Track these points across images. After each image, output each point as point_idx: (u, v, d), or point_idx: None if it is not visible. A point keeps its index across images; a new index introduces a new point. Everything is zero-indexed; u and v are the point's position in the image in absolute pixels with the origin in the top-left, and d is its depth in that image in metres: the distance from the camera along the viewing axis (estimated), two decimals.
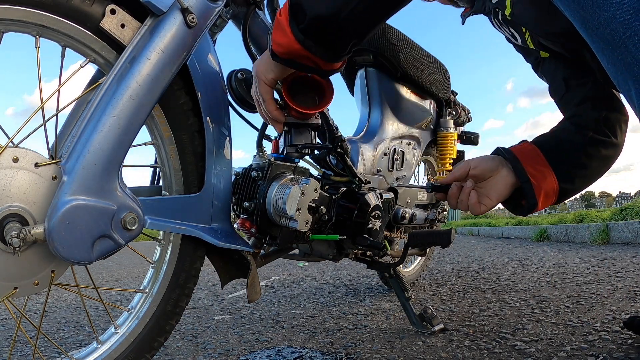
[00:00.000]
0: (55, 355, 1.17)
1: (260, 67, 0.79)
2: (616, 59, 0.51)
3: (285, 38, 0.70)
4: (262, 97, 0.82)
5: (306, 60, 0.72)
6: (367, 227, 1.08)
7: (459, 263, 3.00)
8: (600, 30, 0.51)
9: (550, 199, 0.86)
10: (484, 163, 0.85)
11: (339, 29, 0.68)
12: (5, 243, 0.57)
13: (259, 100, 0.84)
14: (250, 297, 0.86)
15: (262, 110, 0.86)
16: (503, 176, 0.84)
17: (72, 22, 0.64)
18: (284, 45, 0.71)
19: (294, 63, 0.74)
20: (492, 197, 0.84)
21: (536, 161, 0.84)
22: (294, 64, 0.74)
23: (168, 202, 0.76)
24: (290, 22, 0.69)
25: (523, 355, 0.97)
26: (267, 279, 2.67)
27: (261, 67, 0.79)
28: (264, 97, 0.82)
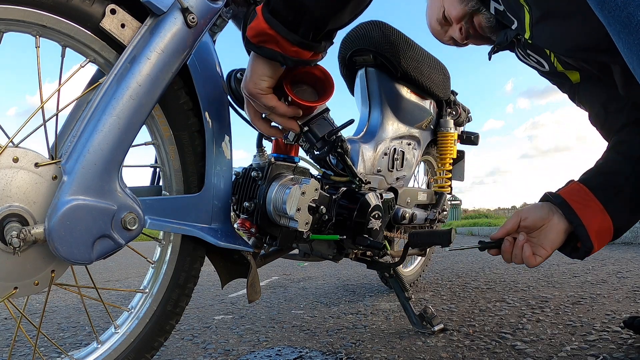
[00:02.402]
0: (55, 355, 1.17)
1: (250, 84, 0.77)
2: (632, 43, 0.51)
3: (257, 21, 0.71)
4: (270, 107, 0.79)
5: (275, 44, 0.72)
6: (367, 227, 1.08)
7: (459, 263, 3.00)
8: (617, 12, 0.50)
9: (606, 238, 0.83)
10: (534, 213, 0.83)
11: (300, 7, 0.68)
12: (5, 243, 0.57)
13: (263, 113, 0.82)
14: (250, 297, 0.86)
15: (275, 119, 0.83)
16: (555, 224, 0.82)
17: (72, 22, 0.64)
18: (255, 27, 0.71)
19: (263, 49, 0.73)
20: (546, 247, 0.82)
21: (587, 202, 0.81)
22: (263, 50, 0.73)
23: (168, 202, 0.76)
24: (263, 7, 0.71)
25: (523, 355, 0.97)
26: (267, 279, 2.67)
27: (251, 83, 0.77)
28: (271, 104, 0.79)
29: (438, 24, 1.09)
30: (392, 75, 1.43)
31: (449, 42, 1.12)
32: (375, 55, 1.39)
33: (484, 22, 0.99)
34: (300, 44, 0.72)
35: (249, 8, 0.95)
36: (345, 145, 1.03)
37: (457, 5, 1.00)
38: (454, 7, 1.01)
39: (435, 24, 1.10)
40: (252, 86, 0.77)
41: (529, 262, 0.82)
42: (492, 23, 0.98)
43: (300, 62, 0.75)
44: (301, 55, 0.74)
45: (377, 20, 1.42)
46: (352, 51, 1.43)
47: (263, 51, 0.73)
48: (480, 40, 1.06)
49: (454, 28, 1.05)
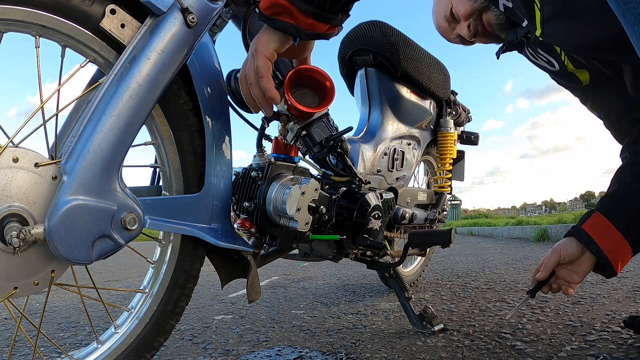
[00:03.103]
0: (55, 355, 1.17)
1: (261, 40, 0.74)
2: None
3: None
4: (260, 72, 0.74)
5: (288, 16, 0.70)
6: (367, 227, 1.08)
7: (459, 263, 3.00)
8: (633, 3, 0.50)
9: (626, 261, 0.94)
10: (571, 253, 0.94)
11: None
12: (5, 243, 0.57)
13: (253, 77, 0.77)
14: (250, 297, 0.86)
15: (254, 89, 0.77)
16: (587, 259, 0.93)
17: (72, 22, 0.64)
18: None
19: (277, 22, 0.71)
20: (580, 275, 0.94)
21: (609, 236, 0.91)
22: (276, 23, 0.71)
23: (168, 202, 0.76)
24: None
25: (523, 355, 0.97)
26: (267, 279, 2.67)
27: (261, 40, 0.74)
28: (262, 71, 0.74)
29: (445, 21, 1.07)
30: (392, 75, 1.43)
31: (456, 40, 1.10)
32: (375, 55, 1.39)
33: (493, 20, 0.97)
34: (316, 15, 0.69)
35: (249, 8, 0.95)
36: (345, 145, 1.03)
37: (466, 2, 0.98)
38: (462, 4, 0.99)
39: (443, 22, 1.08)
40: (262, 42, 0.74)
41: (566, 292, 0.97)
42: (501, 20, 0.96)
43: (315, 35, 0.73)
44: (316, 28, 0.71)
45: (377, 20, 1.42)
46: (352, 51, 1.43)
47: (276, 24, 0.70)
48: (489, 38, 1.05)
49: (461, 25, 1.04)
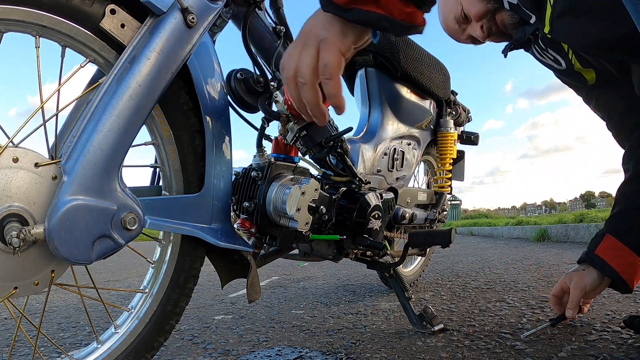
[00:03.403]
0: (55, 355, 1.17)
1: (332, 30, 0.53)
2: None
3: None
4: (329, 72, 0.54)
5: (374, 5, 0.51)
6: (367, 227, 1.08)
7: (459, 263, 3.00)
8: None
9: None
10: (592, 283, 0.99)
11: None
12: (5, 243, 0.57)
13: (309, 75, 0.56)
14: (250, 297, 0.86)
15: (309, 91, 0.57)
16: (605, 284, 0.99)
17: (72, 22, 0.64)
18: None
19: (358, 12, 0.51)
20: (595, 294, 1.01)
21: (623, 257, 0.95)
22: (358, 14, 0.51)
23: (168, 202, 0.76)
24: None
25: (523, 355, 0.97)
26: (267, 279, 2.67)
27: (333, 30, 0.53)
28: (333, 71, 0.54)
29: (455, 23, 1.04)
30: (392, 75, 1.43)
31: (467, 40, 1.08)
32: (375, 55, 1.39)
33: (507, 19, 0.95)
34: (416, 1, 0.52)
35: (249, 8, 0.95)
36: (345, 145, 1.03)
37: (477, 3, 0.96)
38: (474, 5, 0.96)
39: (452, 23, 1.05)
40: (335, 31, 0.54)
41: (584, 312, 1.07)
42: (515, 20, 0.95)
43: (413, 28, 0.55)
44: (415, 19, 0.54)
45: None
46: None
47: (356, 15, 0.51)
48: (502, 37, 1.03)
49: (473, 26, 1.00)
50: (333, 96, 0.58)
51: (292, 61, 0.59)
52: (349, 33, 0.55)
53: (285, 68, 0.61)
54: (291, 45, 0.61)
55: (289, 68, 0.60)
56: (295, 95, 0.61)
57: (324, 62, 0.55)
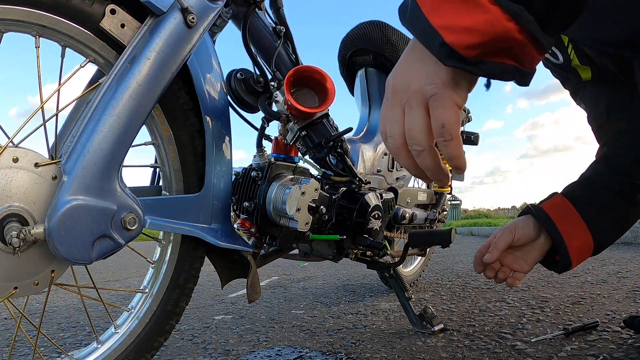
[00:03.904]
0: (55, 355, 1.17)
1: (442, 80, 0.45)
2: None
3: (479, 16, 0.41)
4: (450, 132, 0.45)
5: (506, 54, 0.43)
6: (367, 227, 1.08)
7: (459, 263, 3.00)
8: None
9: (586, 255, 0.84)
10: (526, 234, 0.82)
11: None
12: (5, 243, 0.57)
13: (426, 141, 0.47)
14: (250, 297, 0.86)
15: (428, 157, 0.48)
16: (541, 243, 0.82)
17: (72, 22, 0.64)
18: (480, 28, 0.41)
19: (490, 65, 0.43)
20: (529, 263, 0.83)
21: (569, 218, 0.81)
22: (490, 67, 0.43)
23: (168, 202, 0.76)
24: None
25: (523, 355, 0.97)
26: (267, 279, 2.67)
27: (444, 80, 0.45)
28: (453, 130, 0.45)
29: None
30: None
31: None
32: (375, 55, 1.39)
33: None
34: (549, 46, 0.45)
35: (249, 8, 0.95)
36: (345, 145, 1.03)
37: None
38: None
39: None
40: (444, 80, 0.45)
41: (511, 284, 0.84)
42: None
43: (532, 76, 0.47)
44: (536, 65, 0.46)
45: (377, 20, 1.42)
46: (352, 51, 1.43)
47: (487, 68, 0.43)
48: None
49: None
50: (455, 158, 0.47)
51: (396, 127, 0.49)
52: (462, 82, 0.46)
53: (390, 136, 0.50)
54: (385, 106, 0.51)
55: (395, 135, 0.49)
56: (410, 163, 0.51)
57: (441, 122, 0.45)
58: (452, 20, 0.41)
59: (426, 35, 0.43)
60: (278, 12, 1.02)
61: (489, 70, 0.44)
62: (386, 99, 0.50)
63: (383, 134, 0.52)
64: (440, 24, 0.42)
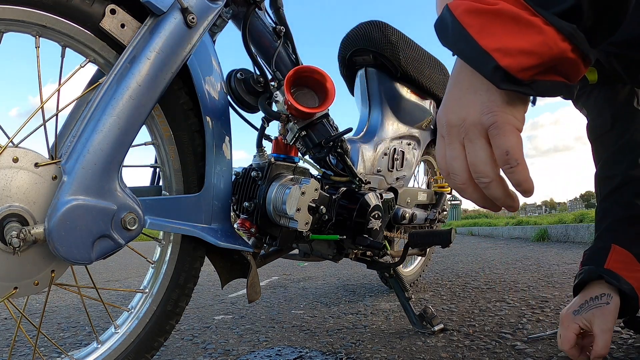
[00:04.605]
0: (55, 355, 1.17)
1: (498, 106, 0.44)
2: None
3: (534, 37, 0.40)
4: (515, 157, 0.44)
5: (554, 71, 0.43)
6: (367, 227, 1.08)
7: (459, 263, 3.00)
8: None
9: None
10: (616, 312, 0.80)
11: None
12: (5, 243, 0.57)
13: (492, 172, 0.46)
14: (250, 297, 0.86)
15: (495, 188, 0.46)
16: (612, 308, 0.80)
17: (72, 22, 0.64)
18: (535, 49, 0.40)
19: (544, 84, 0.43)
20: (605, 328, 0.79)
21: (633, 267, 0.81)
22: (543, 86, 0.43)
23: (168, 202, 0.76)
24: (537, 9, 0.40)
25: (523, 355, 0.97)
26: (267, 279, 2.67)
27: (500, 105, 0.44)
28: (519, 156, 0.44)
29: None
30: (392, 75, 1.43)
31: None
32: (375, 55, 1.39)
33: None
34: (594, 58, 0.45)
35: (249, 8, 0.95)
36: (345, 145, 1.03)
37: None
38: None
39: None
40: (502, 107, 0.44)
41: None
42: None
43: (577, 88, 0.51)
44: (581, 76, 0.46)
45: (377, 20, 1.42)
46: (352, 51, 1.43)
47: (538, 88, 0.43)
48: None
49: None
50: (524, 182, 0.46)
51: (458, 163, 0.48)
52: (516, 104, 0.45)
53: (454, 173, 0.48)
54: (441, 144, 0.49)
55: (460, 172, 0.48)
56: (479, 196, 0.49)
57: (505, 150, 0.44)
58: (505, 42, 0.40)
59: (477, 59, 0.42)
60: (278, 12, 1.02)
61: (542, 90, 0.43)
62: (441, 136, 0.49)
63: (444, 172, 0.50)
64: (493, 47, 0.41)
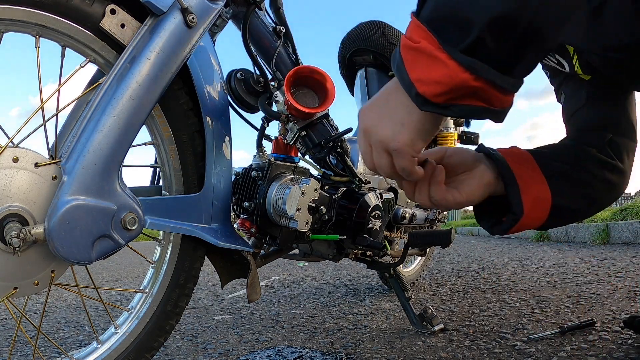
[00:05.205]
0: (55, 355, 1.17)
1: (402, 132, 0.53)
2: None
3: (441, 70, 0.48)
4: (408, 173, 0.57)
5: (473, 97, 0.50)
6: (367, 227, 1.08)
7: (459, 263, 3.00)
8: None
9: (540, 212, 0.71)
10: (463, 153, 0.70)
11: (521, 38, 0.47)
12: (5, 243, 0.57)
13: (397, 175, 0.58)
14: (250, 297, 0.86)
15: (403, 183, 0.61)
16: (480, 171, 0.68)
17: (72, 22, 0.64)
18: (442, 80, 0.48)
19: (459, 107, 0.50)
20: (461, 191, 0.66)
21: (526, 165, 0.71)
22: (459, 108, 0.50)
23: (168, 202, 0.76)
24: (443, 44, 0.48)
25: (523, 355, 0.97)
26: (267, 279, 2.67)
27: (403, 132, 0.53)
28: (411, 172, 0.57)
29: None
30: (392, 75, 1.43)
31: None
32: (375, 55, 1.39)
33: None
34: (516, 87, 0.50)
35: (249, 8, 0.95)
36: (345, 145, 1.03)
37: None
38: None
39: None
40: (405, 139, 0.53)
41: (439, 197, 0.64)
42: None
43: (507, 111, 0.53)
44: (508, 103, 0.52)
45: (377, 20, 1.42)
46: (352, 51, 1.43)
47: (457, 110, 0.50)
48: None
49: None
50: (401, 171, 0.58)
51: (367, 157, 0.60)
52: (423, 130, 0.54)
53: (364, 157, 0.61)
54: (359, 136, 0.59)
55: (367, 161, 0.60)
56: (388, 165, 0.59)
57: (401, 168, 0.56)
58: (422, 74, 0.49)
59: (406, 86, 0.51)
60: (278, 12, 1.02)
61: (458, 112, 0.50)
62: (359, 130, 0.58)
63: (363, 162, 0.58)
64: (415, 78, 0.50)
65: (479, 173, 0.68)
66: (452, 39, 0.48)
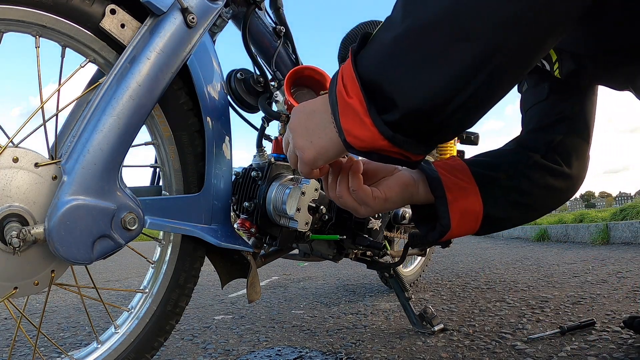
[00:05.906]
0: (55, 355, 1.17)
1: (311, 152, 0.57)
2: None
3: (366, 132, 0.51)
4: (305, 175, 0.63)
5: (392, 153, 0.54)
6: (367, 227, 1.08)
7: (459, 263, 3.00)
8: None
9: (470, 223, 0.71)
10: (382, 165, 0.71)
11: (442, 124, 0.50)
12: (5, 243, 0.57)
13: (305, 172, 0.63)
14: (250, 297, 0.86)
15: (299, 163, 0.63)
16: (399, 173, 0.70)
17: (72, 22, 0.64)
18: (365, 140, 0.52)
19: (378, 156, 0.55)
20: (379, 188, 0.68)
21: (460, 176, 0.71)
22: (377, 157, 0.55)
23: (168, 202, 0.76)
24: (370, 111, 0.50)
25: (523, 355, 0.97)
26: (267, 279, 2.67)
27: (311, 152, 0.57)
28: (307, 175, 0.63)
29: None
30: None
31: None
32: None
33: None
34: (430, 150, 0.55)
35: (249, 8, 0.95)
36: None
37: None
38: None
39: None
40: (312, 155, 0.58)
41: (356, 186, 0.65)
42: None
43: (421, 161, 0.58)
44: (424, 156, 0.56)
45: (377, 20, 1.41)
46: None
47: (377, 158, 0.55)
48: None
49: None
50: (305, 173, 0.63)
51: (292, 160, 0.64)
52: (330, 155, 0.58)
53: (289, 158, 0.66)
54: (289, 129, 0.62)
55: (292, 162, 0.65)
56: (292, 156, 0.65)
57: (300, 170, 0.62)
58: (350, 127, 0.52)
59: (338, 127, 0.54)
60: (278, 12, 1.02)
61: (378, 159, 0.55)
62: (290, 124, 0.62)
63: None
64: (344, 126, 0.53)
65: (397, 174, 0.71)
66: (379, 106, 0.50)
